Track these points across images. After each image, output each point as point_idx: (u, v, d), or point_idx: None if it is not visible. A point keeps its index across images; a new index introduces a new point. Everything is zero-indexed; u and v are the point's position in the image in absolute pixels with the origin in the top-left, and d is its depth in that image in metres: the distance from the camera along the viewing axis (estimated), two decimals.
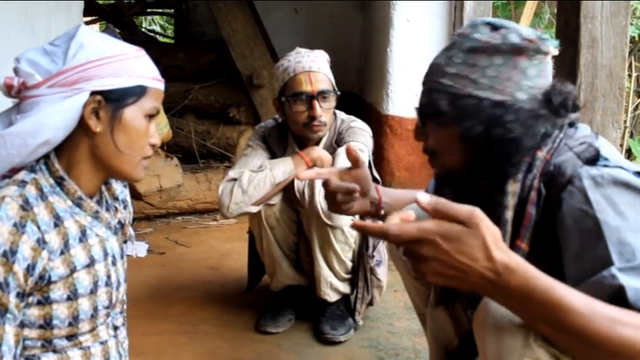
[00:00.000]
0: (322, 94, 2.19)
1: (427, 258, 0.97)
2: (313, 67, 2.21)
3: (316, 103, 2.18)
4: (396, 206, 1.61)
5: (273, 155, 2.37)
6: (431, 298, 1.58)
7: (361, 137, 2.28)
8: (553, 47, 1.19)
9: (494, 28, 1.20)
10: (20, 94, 1.14)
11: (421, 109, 1.28)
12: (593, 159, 1.14)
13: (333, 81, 2.27)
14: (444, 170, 1.30)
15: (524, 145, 1.19)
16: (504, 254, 0.96)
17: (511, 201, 1.20)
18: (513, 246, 1.19)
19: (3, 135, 1.11)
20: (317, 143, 2.32)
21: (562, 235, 1.12)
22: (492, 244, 0.95)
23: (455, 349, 1.54)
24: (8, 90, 1.14)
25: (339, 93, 2.28)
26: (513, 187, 1.21)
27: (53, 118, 1.12)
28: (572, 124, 1.24)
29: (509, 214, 1.20)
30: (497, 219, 1.18)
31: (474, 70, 1.18)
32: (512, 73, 1.16)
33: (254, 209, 2.18)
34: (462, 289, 1.05)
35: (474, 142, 1.20)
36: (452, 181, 1.32)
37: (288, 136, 2.36)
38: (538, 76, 1.17)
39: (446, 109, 1.20)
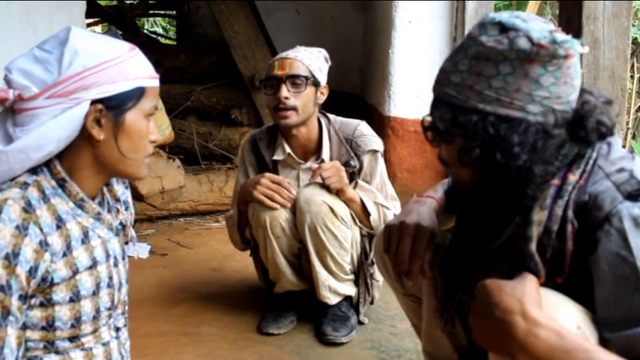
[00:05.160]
0: (292, 78, 2.24)
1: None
2: (290, 55, 2.28)
3: (283, 86, 2.23)
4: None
5: (260, 160, 2.39)
6: (424, 319, 1.54)
7: (375, 144, 2.34)
8: (577, 48, 1.04)
9: (504, 29, 1.05)
10: (15, 105, 1.12)
11: (423, 121, 1.18)
12: (636, 194, 1.01)
13: (316, 72, 2.28)
14: (455, 182, 1.23)
15: (537, 172, 1.06)
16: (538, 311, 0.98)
17: (535, 231, 1.07)
18: (549, 282, 1.08)
19: (5, 152, 1.10)
20: (318, 148, 2.34)
21: (595, 277, 1.03)
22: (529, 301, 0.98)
23: None
24: (2, 102, 1.11)
25: (317, 83, 2.28)
26: (539, 216, 1.07)
27: (56, 131, 1.11)
28: (603, 136, 1.10)
29: (533, 247, 1.07)
30: (515, 248, 1.11)
31: (479, 79, 1.05)
32: (522, 83, 1.03)
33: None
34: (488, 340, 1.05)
35: (477, 164, 1.10)
36: (464, 195, 1.25)
37: (278, 137, 2.37)
38: (555, 84, 1.04)
39: (447, 124, 1.10)
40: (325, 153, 2.32)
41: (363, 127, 2.37)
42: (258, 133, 2.45)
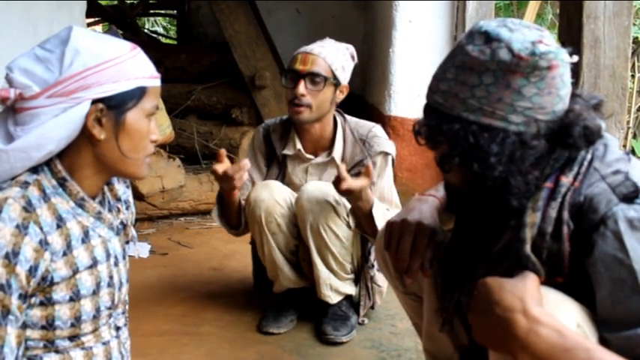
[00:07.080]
0: (311, 76, 2.22)
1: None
2: (315, 50, 2.26)
3: (301, 82, 2.21)
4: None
5: (271, 150, 2.39)
6: (425, 318, 1.54)
7: (388, 147, 2.33)
8: (563, 58, 1.05)
9: (488, 39, 1.06)
10: (16, 104, 1.12)
11: (414, 126, 1.20)
12: (631, 197, 1.01)
13: (338, 71, 2.27)
14: (446, 184, 1.24)
15: (513, 184, 1.07)
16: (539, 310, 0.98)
17: (529, 233, 1.07)
18: (549, 282, 1.08)
19: (6, 151, 1.10)
20: (330, 145, 2.33)
21: (593, 279, 1.04)
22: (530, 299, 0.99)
23: None
24: (3, 101, 1.11)
25: (337, 83, 2.27)
26: (532, 218, 1.08)
27: (56, 131, 1.11)
28: (592, 142, 1.09)
29: (528, 249, 1.07)
30: (512, 251, 1.12)
31: (463, 88, 1.07)
32: (504, 93, 1.04)
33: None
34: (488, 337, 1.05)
35: (459, 172, 1.12)
36: (456, 198, 1.26)
37: (291, 131, 2.37)
38: (538, 94, 1.04)
39: (431, 131, 1.13)
40: (337, 150, 2.32)
41: (377, 130, 2.38)
42: (272, 125, 2.45)
